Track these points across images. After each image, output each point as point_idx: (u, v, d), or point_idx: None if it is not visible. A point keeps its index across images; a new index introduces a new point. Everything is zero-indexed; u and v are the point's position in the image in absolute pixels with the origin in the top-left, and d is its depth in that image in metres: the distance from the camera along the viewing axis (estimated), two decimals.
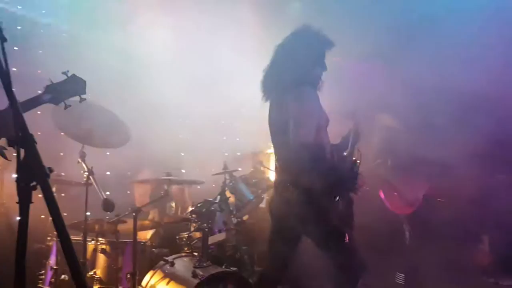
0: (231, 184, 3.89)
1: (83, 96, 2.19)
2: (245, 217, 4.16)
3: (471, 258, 4.48)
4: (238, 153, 4.89)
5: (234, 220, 3.82)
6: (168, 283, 3.23)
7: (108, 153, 4.03)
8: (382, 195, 3.86)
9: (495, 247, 4.36)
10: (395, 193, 3.75)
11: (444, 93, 3.36)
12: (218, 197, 3.74)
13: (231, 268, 3.34)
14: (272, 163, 5.63)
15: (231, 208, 3.82)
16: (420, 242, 3.65)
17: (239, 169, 4.47)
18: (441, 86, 3.24)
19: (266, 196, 4.60)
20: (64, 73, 2.11)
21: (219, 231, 3.75)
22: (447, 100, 3.43)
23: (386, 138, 3.76)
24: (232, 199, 3.92)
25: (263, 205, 4.65)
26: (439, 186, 3.75)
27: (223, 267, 3.33)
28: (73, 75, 2.14)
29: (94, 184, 3.06)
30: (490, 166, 3.41)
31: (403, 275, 3.87)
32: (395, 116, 3.79)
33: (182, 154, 4.55)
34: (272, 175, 4.89)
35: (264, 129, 5.07)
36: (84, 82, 2.17)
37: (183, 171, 4.33)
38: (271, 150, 5.54)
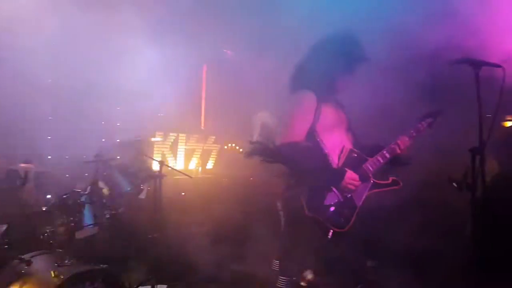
0: (105, 173, 3.56)
1: None
2: (121, 210, 3.86)
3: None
4: (118, 140, 4.51)
5: (107, 213, 3.50)
6: (22, 285, 2.81)
7: None
8: (265, 183, 3.92)
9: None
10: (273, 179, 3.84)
11: None
12: (89, 187, 3.39)
13: (100, 265, 3.04)
14: (155, 152, 5.37)
15: (104, 200, 3.49)
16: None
17: (118, 157, 4.14)
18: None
19: (148, 187, 4.37)
20: None
21: (90, 225, 3.41)
22: None
23: (264, 134, 3.82)
24: (106, 190, 3.59)
25: (143, 196, 4.40)
26: None
27: (92, 264, 3.02)
28: None
29: None
30: None
31: (278, 261, 3.98)
32: (272, 113, 3.88)
33: (49, 137, 4.02)
34: (154, 165, 4.65)
35: (149, 116, 4.83)
36: None
37: (49, 157, 3.83)
38: (155, 138, 5.29)
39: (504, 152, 3.22)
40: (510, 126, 4.88)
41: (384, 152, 2.59)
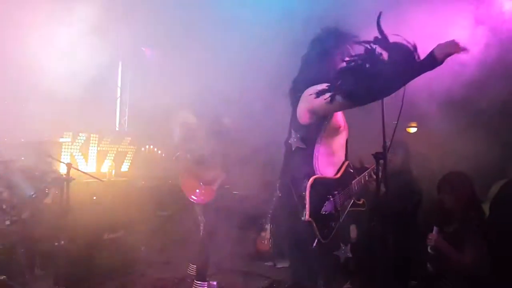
0: (4, 176, 3.24)
1: None
2: (24, 215, 3.54)
3: (255, 245, 5.00)
4: (22, 140, 4.12)
5: (8, 220, 3.19)
6: None
7: None
8: (182, 186, 3.88)
9: (274, 235, 4.94)
10: (193, 185, 3.82)
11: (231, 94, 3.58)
12: None
13: None
14: (63, 154, 5.00)
15: (3, 206, 3.18)
16: (213, 232, 3.82)
17: (22, 158, 3.80)
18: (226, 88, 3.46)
19: (56, 191, 4.05)
20: None
21: None
22: (236, 101, 3.67)
23: (184, 133, 3.79)
24: (5, 194, 3.27)
25: (50, 201, 4.08)
26: (234, 181, 3.99)
27: None
28: None
29: None
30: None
31: (195, 266, 3.97)
32: (193, 113, 3.86)
33: None
34: (62, 168, 4.34)
35: (58, 114, 4.48)
36: None
37: None
38: (63, 139, 4.93)
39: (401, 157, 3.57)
40: (412, 133, 5.41)
41: (366, 174, 2.61)
